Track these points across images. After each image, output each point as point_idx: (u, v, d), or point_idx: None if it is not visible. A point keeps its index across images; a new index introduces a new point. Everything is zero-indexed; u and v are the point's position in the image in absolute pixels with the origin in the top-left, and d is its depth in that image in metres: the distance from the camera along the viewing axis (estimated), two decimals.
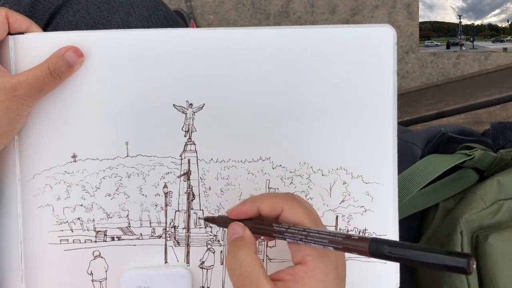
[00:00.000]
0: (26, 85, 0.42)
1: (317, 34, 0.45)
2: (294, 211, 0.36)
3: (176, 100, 0.45)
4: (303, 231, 0.34)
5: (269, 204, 0.37)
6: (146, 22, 0.55)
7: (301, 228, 0.34)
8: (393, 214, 0.46)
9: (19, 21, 0.44)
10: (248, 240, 0.36)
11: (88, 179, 0.46)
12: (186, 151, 0.46)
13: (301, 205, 0.36)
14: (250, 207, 0.37)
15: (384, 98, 0.45)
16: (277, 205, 0.36)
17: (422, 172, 0.55)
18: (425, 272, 0.57)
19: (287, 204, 0.36)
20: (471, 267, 0.27)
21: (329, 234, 0.33)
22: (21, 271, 0.46)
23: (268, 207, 0.37)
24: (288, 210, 0.36)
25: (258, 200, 0.37)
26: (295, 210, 0.36)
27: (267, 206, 0.37)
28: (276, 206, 0.36)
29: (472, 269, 0.27)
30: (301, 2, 1.29)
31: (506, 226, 0.53)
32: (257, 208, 0.37)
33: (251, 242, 0.36)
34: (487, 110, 0.76)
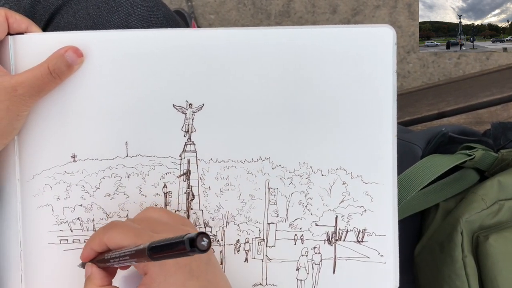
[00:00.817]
0: (25, 85, 0.42)
1: (317, 34, 0.45)
2: (112, 239, 0.38)
3: (176, 100, 0.45)
4: (116, 255, 0.37)
5: (97, 242, 0.39)
6: (145, 22, 0.55)
7: (116, 253, 0.37)
8: (393, 214, 0.46)
9: (19, 21, 0.45)
10: (94, 276, 0.40)
11: (88, 179, 0.46)
12: (185, 151, 0.46)
13: (116, 230, 0.38)
14: (87, 251, 0.41)
15: (384, 98, 0.45)
16: (101, 241, 0.39)
17: (423, 172, 0.54)
18: (426, 272, 0.57)
19: (106, 236, 0.38)
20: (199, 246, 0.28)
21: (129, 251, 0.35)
22: (21, 271, 0.46)
23: (97, 245, 0.40)
24: (108, 241, 0.38)
25: (89, 242, 0.40)
26: (113, 238, 0.38)
27: (97, 244, 0.40)
28: (101, 242, 0.39)
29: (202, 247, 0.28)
30: (302, 2, 1.29)
31: (506, 226, 0.53)
32: (92, 249, 0.40)
33: (96, 277, 0.40)
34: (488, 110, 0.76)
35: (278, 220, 0.46)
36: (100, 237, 0.39)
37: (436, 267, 0.55)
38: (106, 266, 0.40)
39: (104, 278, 0.40)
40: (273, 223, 0.46)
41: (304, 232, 0.46)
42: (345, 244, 0.46)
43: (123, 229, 0.38)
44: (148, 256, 0.33)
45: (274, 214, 0.46)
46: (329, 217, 0.46)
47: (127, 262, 0.36)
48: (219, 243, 0.46)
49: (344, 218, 0.46)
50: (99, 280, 0.40)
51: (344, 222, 0.46)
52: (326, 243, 0.46)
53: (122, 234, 0.38)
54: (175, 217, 0.43)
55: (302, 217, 0.46)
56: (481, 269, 0.52)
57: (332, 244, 0.46)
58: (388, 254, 0.46)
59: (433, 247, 0.56)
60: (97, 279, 0.40)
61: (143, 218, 0.42)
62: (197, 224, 0.46)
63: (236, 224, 0.46)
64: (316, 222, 0.46)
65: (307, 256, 0.46)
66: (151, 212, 0.43)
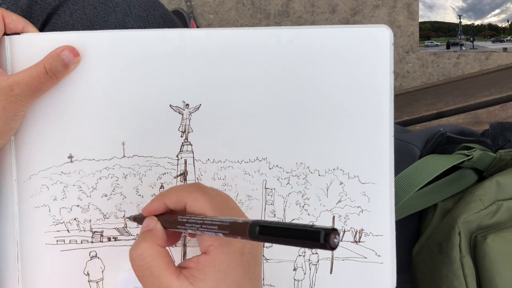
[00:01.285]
0: (22, 85, 0.42)
1: (314, 34, 0.45)
2: (196, 202, 0.36)
3: (173, 101, 0.45)
4: (199, 220, 0.34)
5: (174, 198, 0.37)
6: (142, 23, 0.55)
7: (198, 218, 0.34)
8: (390, 214, 0.46)
9: (15, 21, 0.44)
10: (155, 233, 0.37)
11: (85, 179, 0.46)
12: (182, 151, 0.46)
13: (204, 195, 0.36)
14: (158, 204, 0.38)
15: (381, 99, 0.45)
16: (181, 199, 0.37)
17: (421, 172, 0.54)
18: (424, 272, 0.57)
19: (190, 197, 0.36)
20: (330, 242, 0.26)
21: (220, 221, 0.33)
22: (18, 271, 0.46)
23: (174, 202, 0.37)
24: (191, 202, 0.36)
25: (164, 195, 0.38)
26: (197, 201, 0.36)
27: (173, 201, 0.37)
28: (180, 200, 0.37)
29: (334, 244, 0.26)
30: (301, 2, 1.29)
31: (504, 226, 0.53)
32: (164, 203, 0.38)
33: (158, 234, 0.37)
34: (487, 110, 0.76)
35: (275, 220, 0.46)
36: (180, 196, 0.37)
37: (434, 267, 0.55)
38: (175, 228, 0.37)
39: (164, 240, 0.37)
40: None
41: None
42: (342, 244, 0.46)
43: (211, 199, 0.36)
44: (249, 234, 0.30)
45: (271, 214, 0.46)
46: (326, 217, 0.46)
47: (206, 232, 0.33)
48: None
49: (341, 218, 0.46)
50: (161, 240, 0.37)
51: (341, 222, 0.46)
52: None
53: (208, 203, 0.35)
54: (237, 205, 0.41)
55: (299, 217, 0.46)
56: (479, 269, 0.52)
57: None
58: (385, 254, 0.46)
59: (431, 247, 0.56)
60: (159, 238, 0.37)
61: (217, 192, 0.39)
62: None
63: None
64: (313, 223, 0.46)
65: (304, 256, 0.46)
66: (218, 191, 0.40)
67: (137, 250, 0.36)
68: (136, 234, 0.46)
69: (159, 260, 0.35)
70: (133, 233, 0.46)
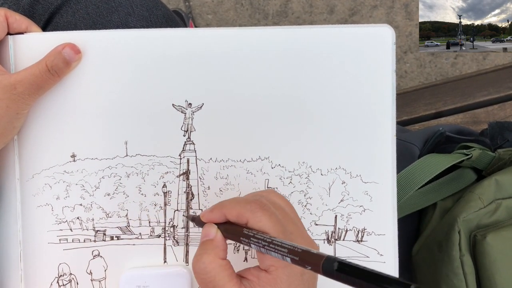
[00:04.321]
0: (24, 83, 0.42)
1: (316, 34, 0.45)
2: (258, 222, 0.35)
3: (175, 100, 0.45)
4: (267, 239, 0.34)
5: (235, 213, 0.36)
6: (145, 22, 0.55)
7: (267, 236, 0.34)
8: (392, 214, 0.46)
9: (19, 21, 0.45)
10: (217, 244, 0.37)
11: (88, 178, 0.46)
12: (185, 150, 0.46)
13: (265, 215, 0.35)
14: (218, 215, 0.37)
15: (383, 98, 0.45)
16: (243, 215, 0.36)
17: (420, 172, 0.55)
18: (424, 271, 0.57)
19: (252, 215, 0.35)
20: None
21: (291, 246, 0.32)
22: (21, 270, 0.46)
23: (234, 216, 0.37)
24: (252, 221, 0.35)
25: (224, 207, 0.37)
26: (259, 220, 0.35)
27: (234, 215, 0.37)
28: (241, 216, 0.36)
29: None
30: (299, 2, 1.29)
31: (504, 225, 0.53)
32: (224, 215, 0.37)
33: (219, 246, 0.37)
34: (485, 109, 0.76)
35: None
36: (243, 212, 0.36)
37: (434, 266, 0.55)
38: (237, 240, 0.36)
39: (225, 251, 0.37)
40: None
41: None
42: (345, 244, 0.46)
43: (273, 218, 0.35)
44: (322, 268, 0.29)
45: None
46: (329, 216, 0.46)
47: (272, 252, 0.33)
48: None
49: (343, 217, 0.46)
50: (222, 251, 0.37)
51: (343, 221, 0.46)
52: (326, 242, 0.46)
53: (271, 223, 0.35)
54: (295, 213, 0.40)
55: (301, 217, 0.46)
56: (478, 267, 0.52)
57: (331, 243, 0.46)
58: (388, 253, 0.46)
59: (431, 246, 0.56)
60: (221, 250, 0.36)
61: (277, 206, 0.38)
62: None
63: None
64: (315, 222, 0.46)
65: None
66: (278, 199, 0.39)
67: (200, 264, 0.36)
68: (139, 233, 0.46)
69: (223, 273, 0.35)
70: (136, 232, 0.46)
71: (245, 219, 0.36)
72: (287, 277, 0.35)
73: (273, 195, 0.39)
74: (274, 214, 0.36)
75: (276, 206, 0.37)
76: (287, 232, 0.35)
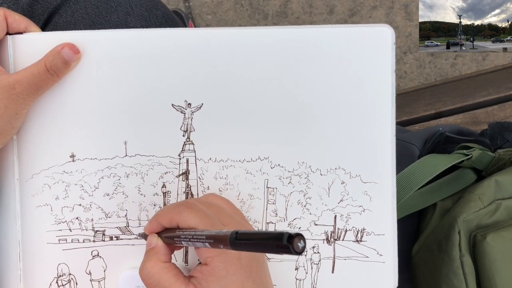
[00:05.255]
0: (23, 83, 0.42)
1: (316, 34, 0.45)
2: (185, 221, 0.38)
3: (175, 100, 0.45)
4: (191, 233, 0.37)
5: (167, 219, 0.39)
6: (144, 22, 0.55)
7: (190, 231, 0.37)
8: (392, 214, 0.46)
9: (18, 21, 0.44)
10: (158, 250, 0.39)
11: (87, 178, 0.46)
12: (184, 150, 0.46)
13: (192, 213, 0.38)
14: (155, 225, 0.41)
15: (383, 98, 0.45)
16: (173, 219, 0.39)
17: (420, 172, 0.55)
18: (423, 271, 0.57)
19: (179, 217, 0.38)
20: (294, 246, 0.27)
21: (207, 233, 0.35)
22: (20, 270, 0.46)
23: (167, 222, 0.40)
24: (181, 221, 0.38)
25: (158, 216, 0.40)
26: (186, 219, 0.38)
27: (167, 221, 0.40)
28: (172, 219, 0.39)
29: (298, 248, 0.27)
30: (299, 3, 1.29)
31: (504, 225, 0.53)
32: (160, 224, 0.40)
33: (160, 251, 0.39)
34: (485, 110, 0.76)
35: (277, 219, 0.46)
36: (172, 215, 0.39)
37: (434, 266, 0.55)
38: (173, 242, 0.39)
39: (167, 255, 0.40)
40: (272, 222, 0.46)
41: (303, 232, 0.46)
42: (344, 244, 0.46)
43: (199, 213, 0.38)
44: (230, 243, 0.32)
45: (273, 213, 0.46)
46: (328, 216, 0.46)
47: (198, 244, 0.36)
48: None
49: (343, 217, 0.46)
50: (162, 255, 0.39)
51: (343, 221, 0.46)
52: (325, 242, 0.46)
53: (197, 218, 0.38)
54: (235, 209, 0.43)
55: (301, 217, 0.46)
56: (478, 268, 0.52)
57: (331, 243, 0.46)
58: (387, 253, 0.46)
59: (431, 246, 0.56)
60: (162, 254, 0.39)
61: (210, 204, 0.41)
62: None
63: None
64: (315, 222, 0.46)
65: (306, 255, 0.46)
66: (216, 199, 0.43)
67: (144, 270, 0.39)
68: (137, 233, 0.46)
69: (166, 274, 0.38)
70: (135, 232, 0.46)
71: (176, 221, 0.39)
72: (224, 264, 0.37)
73: (211, 197, 0.44)
74: (201, 210, 0.39)
75: (210, 204, 0.41)
76: (218, 225, 0.38)
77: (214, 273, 0.37)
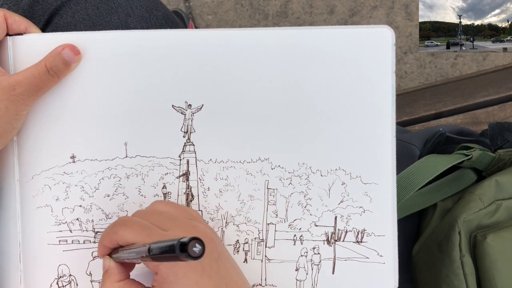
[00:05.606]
0: (24, 84, 0.42)
1: (316, 35, 0.45)
2: (122, 239, 0.38)
3: (175, 101, 0.45)
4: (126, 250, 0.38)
5: (108, 241, 0.40)
6: (145, 23, 0.55)
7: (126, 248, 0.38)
8: (392, 215, 0.46)
9: (18, 22, 0.44)
10: (111, 271, 0.40)
11: (87, 179, 0.46)
12: (185, 151, 0.46)
13: (126, 229, 0.38)
14: (102, 248, 0.41)
15: (383, 99, 0.45)
16: (112, 240, 0.39)
17: (421, 172, 0.55)
18: (424, 272, 0.57)
19: (116, 236, 0.39)
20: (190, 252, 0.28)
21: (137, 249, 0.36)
22: (20, 271, 0.46)
23: (110, 243, 0.40)
24: (119, 240, 0.39)
25: (102, 239, 0.40)
26: (122, 237, 0.38)
27: (108, 243, 0.40)
28: (112, 240, 0.39)
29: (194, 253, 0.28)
30: (299, 3, 1.29)
31: (504, 226, 0.53)
32: (105, 246, 0.40)
33: (113, 271, 0.40)
34: (485, 110, 0.76)
35: (277, 220, 0.46)
36: (110, 236, 0.39)
37: (434, 267, 0.55)
38: (123, 261, 0.40)
39: (121, 273, 0.40)
40: (273, 223, 0.46)
41: (304, 233, 0.46)
42: (345, 245, 0.46)
43: (133, 228, 0.38)
44: (151, 259, 0.33)
45: (274, 214, 0.46)
46: (329, 217, 0.46)
47: (137, 260, 0.36)
48: None
49: (343, 218, 0.46)
50: (116, 275, 0.40)
51: (343, 222, 0.46)
52: (326, 243, 0.46)
53: (132, 233, 0.38)
54: (183, 210, 0.43)
55: (301, 218, 0.46)
56: (479, 268, 0.52)
57: (331, 244, 0.46)
58: (388, 254, 0.46)
59: (431, 246, 0.56)
60: (114, 274, 0.40)
61: (152, 213, 0.41)
62: None
63: (236, 224, 0.46)
64: (315, 223, 0.46)
65: (307, 256, 0.46)
66: (159, 206, 0.43)
67: None
68: None
69: None
70: None
71: (115, 241, 0.39)
72: (170, 269, 0.37)
73: (155, 204, 0.43)
74: (135, 224, 0.39)
75: (151, 213, 0.41)
76: (156, 234, 0.38)
77: (165, 280, 0.37)
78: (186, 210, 0.43)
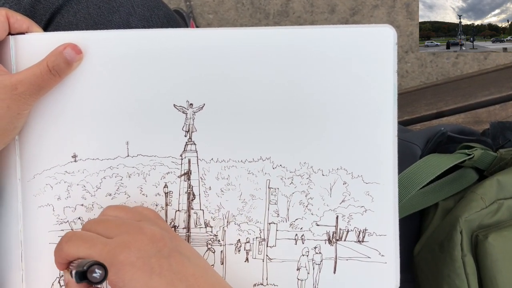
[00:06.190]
0: (25, 83, 0.42)
1: (318, 34, 0.45)
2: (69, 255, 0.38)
3: (177, 100, 0.45)
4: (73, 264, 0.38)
5: (57, 257, 0.39)
6: (146, 22, 0.55)
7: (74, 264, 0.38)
8: (393, 214, 0.46)
9: (20, 21, 0.44)
10: (71, 285, 0.39)
11: (89, 179, 0.46)
12: (186, 151, 0.46)
13: (71, 245, 0.38)
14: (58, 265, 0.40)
15: (385, 98, 0.45)
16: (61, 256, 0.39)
17: (422, 172, 0.55)
18: (425, 271, 0.57)
19: (63, 253, 0.38)
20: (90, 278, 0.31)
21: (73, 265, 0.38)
22: (22, 270, 0.46)
23: (61, 259, 0.39)
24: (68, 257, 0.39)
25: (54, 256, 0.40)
26: (68, 253, 0.38)
27: (60, 259, 0.39)
28: (61, 257, 0.39)
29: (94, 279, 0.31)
30: (300, 2, 1.29)
31: (505, 225, 0.53)
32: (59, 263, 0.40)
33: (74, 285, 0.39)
34: (487, 109, 0.76)
35: (278, 220, 0.46)
36: (59, 254, 0.39)
37: (435, 266, 0.55)
38: None
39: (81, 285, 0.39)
40: (274, 223, 0.46)
41: (305, 232, 0.46)
42: (346, 244, 0.46)
43: (76, 242, 0.38)
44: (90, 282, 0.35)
45: (275, 214, 0.46)
46: (330, 217, 0.46)
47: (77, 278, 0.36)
48: (220, 243, 0.46)
49: (344, 218, 0.46)
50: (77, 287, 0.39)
51: (344, 222, 0.46)
52: (327, 243, 0.46)
53: (75, 247, 0.38)
54: (133, 212, 0.42)
55: (302, 217, 0.46)
56: (480, 268, 0.52)
57: (332, 244, 0.46)
58: (389, 254, 0.46)
59: (433, 246, 0.56)
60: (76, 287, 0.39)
61: (99, 221, 0.41)
62: (197, 223, 0.46)
63: (237, 224, 0.46)
64: (316, 222, 0.46)
65: (308, 256, 0.46)
66: (109, 211, 0.43)
67: None
68: None
69: None
70: None
71: (64, 257, 0.39)
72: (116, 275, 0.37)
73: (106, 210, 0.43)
74: (79, 237, 0.39)
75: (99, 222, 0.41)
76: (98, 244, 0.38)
77: (115, 287, 0.37)
78: (136, 211, 0.43)
